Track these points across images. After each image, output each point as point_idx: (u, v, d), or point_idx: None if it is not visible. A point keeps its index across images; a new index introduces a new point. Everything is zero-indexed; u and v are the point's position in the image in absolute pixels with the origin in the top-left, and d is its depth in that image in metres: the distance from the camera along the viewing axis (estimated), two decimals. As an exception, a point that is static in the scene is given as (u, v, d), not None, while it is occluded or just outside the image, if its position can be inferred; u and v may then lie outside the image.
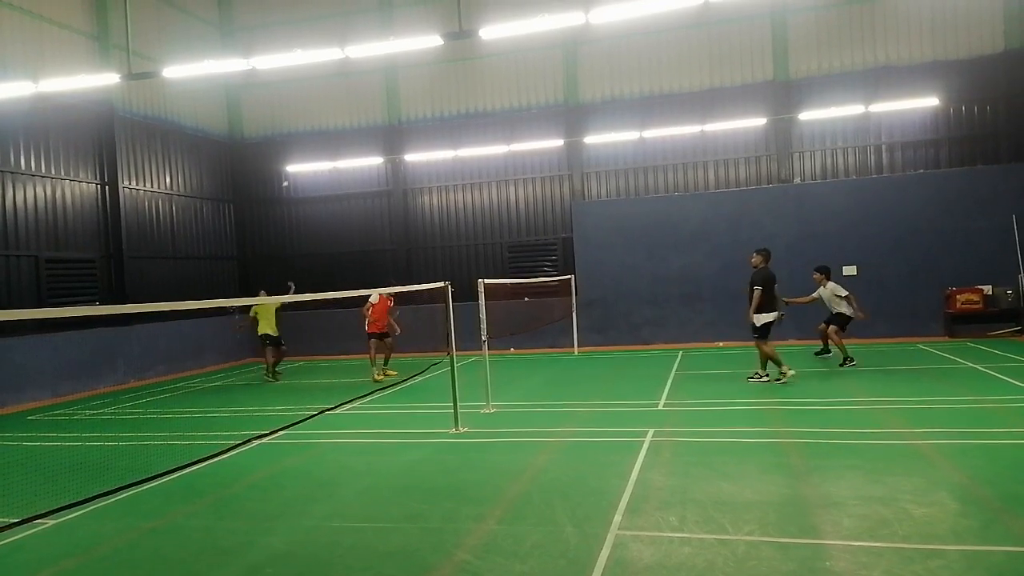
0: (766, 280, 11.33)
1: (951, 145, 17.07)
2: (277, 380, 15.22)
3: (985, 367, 11.91)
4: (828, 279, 13.10)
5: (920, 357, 13.51)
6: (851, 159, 17.72)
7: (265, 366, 15.41)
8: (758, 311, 11.24)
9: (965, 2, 16.77)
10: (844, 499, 5.83)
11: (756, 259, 11.59)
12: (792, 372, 11.31)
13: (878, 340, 15.68)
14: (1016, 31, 16.39)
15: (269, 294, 14.67)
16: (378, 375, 14.37)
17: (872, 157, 17.58)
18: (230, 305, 15.29)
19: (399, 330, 14.79)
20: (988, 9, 16.62)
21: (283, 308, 15.47)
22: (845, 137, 17.68)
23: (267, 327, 14.97)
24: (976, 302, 15.65)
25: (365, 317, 14.38)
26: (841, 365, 12.68)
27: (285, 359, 16.04)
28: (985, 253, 15.89)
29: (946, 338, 15.84)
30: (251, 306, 14.87)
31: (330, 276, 20.38)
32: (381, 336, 14.55)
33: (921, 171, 17.01)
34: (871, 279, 16.18)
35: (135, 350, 16.72)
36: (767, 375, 11.50)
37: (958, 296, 15.72)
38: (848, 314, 12.83)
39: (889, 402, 9.58)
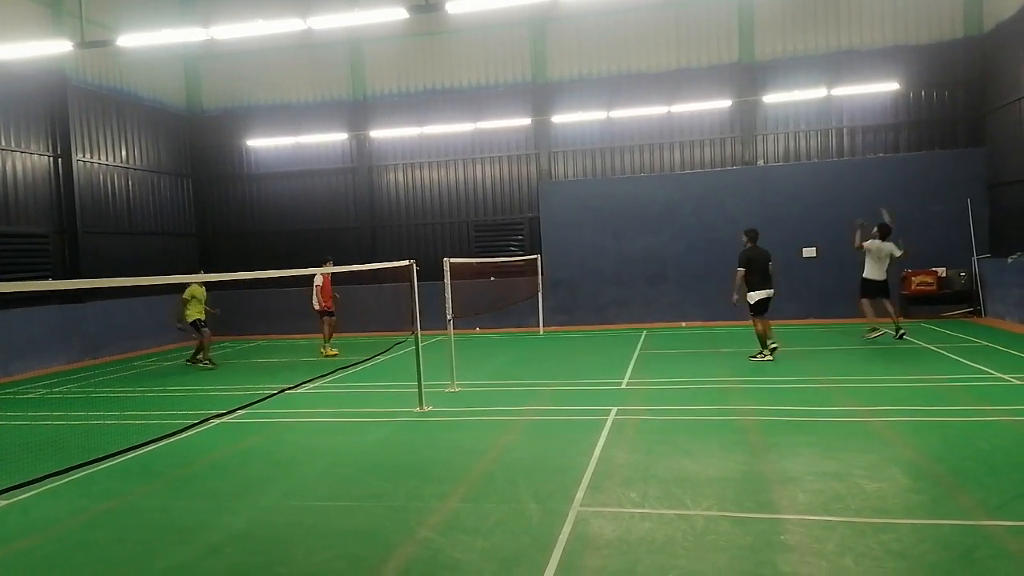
0: (750, 260, 11.49)
1: (910, 129, 17.37)
2: (213, 364, 14.20)
3: (938, 347, 12.26)
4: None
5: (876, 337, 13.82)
6: (813, 142, 17.94)
7: (199, 352, 14.17)
8: (750, 290, 11.44)
9: (926, -12, 17.03)
10: (800, 475, 5.96)
11: (744, 239, 11.77)
12: (770, 357, 11.49)
13: (836, 320, 16.07)
14: (974, 18, 16.66)
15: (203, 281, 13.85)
16: (331, 351, 14.79)
17: (833, 140, 17.81)
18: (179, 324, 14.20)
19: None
20: (948, -4, 16.88)
21: (245, 286, 15.40)
22: (808, 120, 17.87)
23: (198, 312, 14.03)
24: (930, 284, 16.05)
25: (318, 296, 14.57)
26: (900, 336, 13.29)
27: (238, 337, 16.13)
28: (940, 236, 16.26)
29: (901, 319, 16.18)
30: (184, 294, 13.99)
31: (293, 254, 20.06)
32: (331, 313, 14.91)
33: (880, 155, 17.30)
34: (831, 261, 16.47)
35: (90, 328, 16.30)
36: (768, 353, 11.58)
37: (913, 278, 16.10)
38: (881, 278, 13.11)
39: (845, 381, 9.79)
